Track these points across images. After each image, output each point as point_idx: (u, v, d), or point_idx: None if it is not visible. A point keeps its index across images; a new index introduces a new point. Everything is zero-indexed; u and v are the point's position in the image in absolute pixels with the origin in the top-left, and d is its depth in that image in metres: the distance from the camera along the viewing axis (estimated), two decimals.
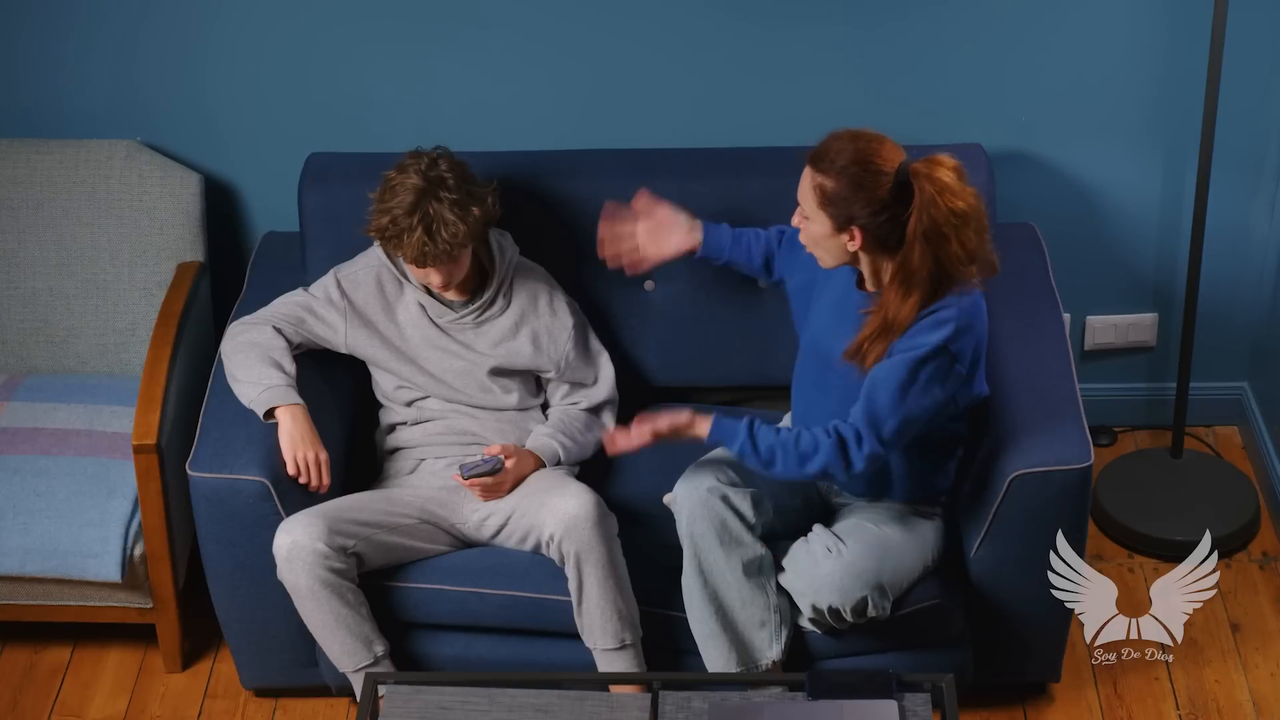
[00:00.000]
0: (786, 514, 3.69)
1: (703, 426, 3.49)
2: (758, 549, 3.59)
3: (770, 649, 3.59)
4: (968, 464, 3.68)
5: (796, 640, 3.64)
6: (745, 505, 3.56)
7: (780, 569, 3.62)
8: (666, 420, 3.49)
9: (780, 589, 3.62)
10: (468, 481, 3.70)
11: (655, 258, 3.80)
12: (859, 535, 3.57)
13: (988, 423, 3.66)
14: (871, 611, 3.54)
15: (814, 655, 3.66)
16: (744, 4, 4.04)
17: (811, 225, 3.42)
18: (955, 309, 3.38)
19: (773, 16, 4.04)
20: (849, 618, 3.55)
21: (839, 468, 3.44)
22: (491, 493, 3.75)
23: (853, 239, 3.39)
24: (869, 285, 3.48)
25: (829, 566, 3.53)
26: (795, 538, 3.65)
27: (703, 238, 3.78)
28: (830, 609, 3.54)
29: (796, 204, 3.45)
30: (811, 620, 3.61)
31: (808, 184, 3.39)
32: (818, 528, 3.62)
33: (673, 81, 4.12)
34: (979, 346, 3.47)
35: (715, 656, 3.61)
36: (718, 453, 3.66)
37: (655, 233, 3.80)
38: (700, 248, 3.78)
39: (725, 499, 3.55)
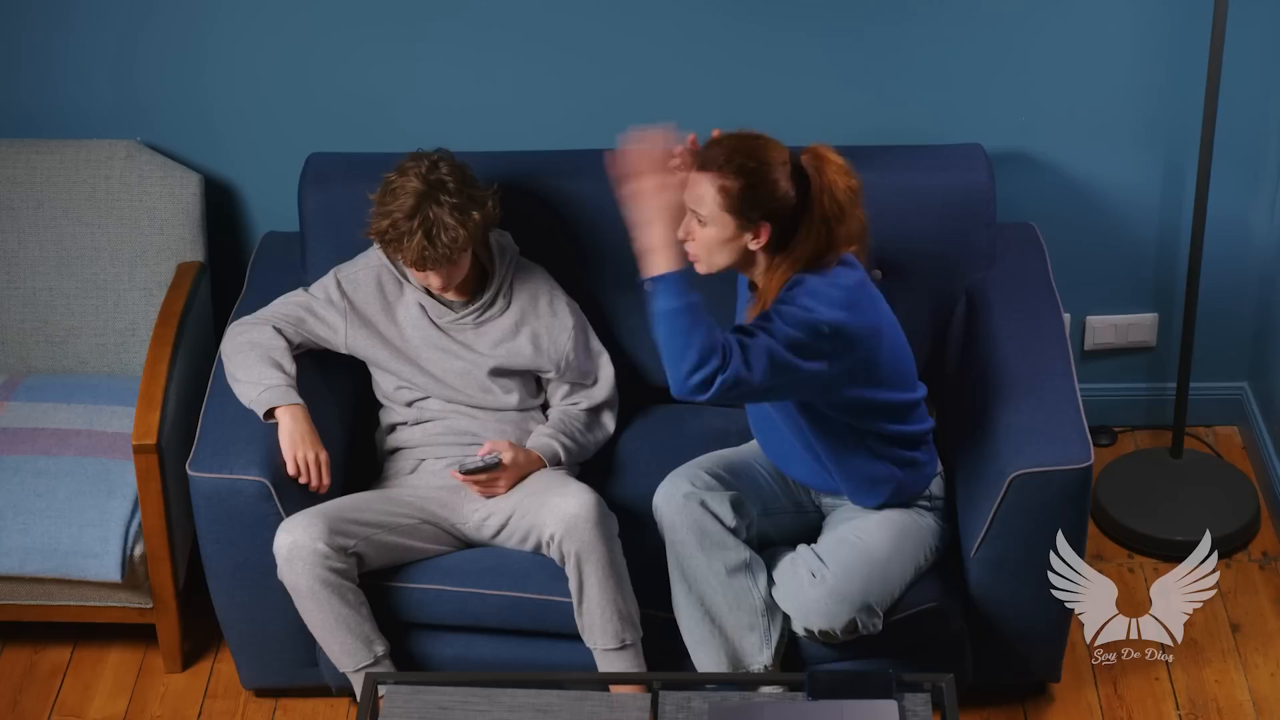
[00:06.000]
0: (777, 517, 3.69)
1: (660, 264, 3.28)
2: (742, 552, 3.58)
3: (760, 653, 3.58)
4: (967, 463, 3.68)
5: (794, 643, 3.64)
6: (724, 509, 3.56)
7: (772, 580, 3.61)
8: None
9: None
10: (465, 477, 3.70)
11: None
12: (843, 556, 3.55)
13: (982, 417, 3.67)
14: (861, 630, 3.54)
15: (813, 659, 3.66)
16: (745, 5, 4.04)
17: (708, 230, 3.38)
18: (820, 298, 3.36)
19: (773, 17, 4.05)
20: (840, 637, 3.55)
21: (702, 370, 3.26)
22: (490, 488, 3.75)
23: (757, 236, 3.39)
24: (759, 283, 3.48)
25: (814, 593, 3.52)
26: (793, 542, 3.65)
27: None
28: (820, 631, 3.55)
29: None
30: (805, 635, 3.60)
31: (707, 189, 3.35)
32: (801, 548, 3.60)
33: (673, 82, 4.12)
34: (859, 337, 3.39)
35: (706, 662, 3.60)
36: (700, 458, 3.66)
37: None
38: None
39: (703, 504, 3.55)
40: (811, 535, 3.69)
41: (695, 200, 3.38)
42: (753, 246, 3.40)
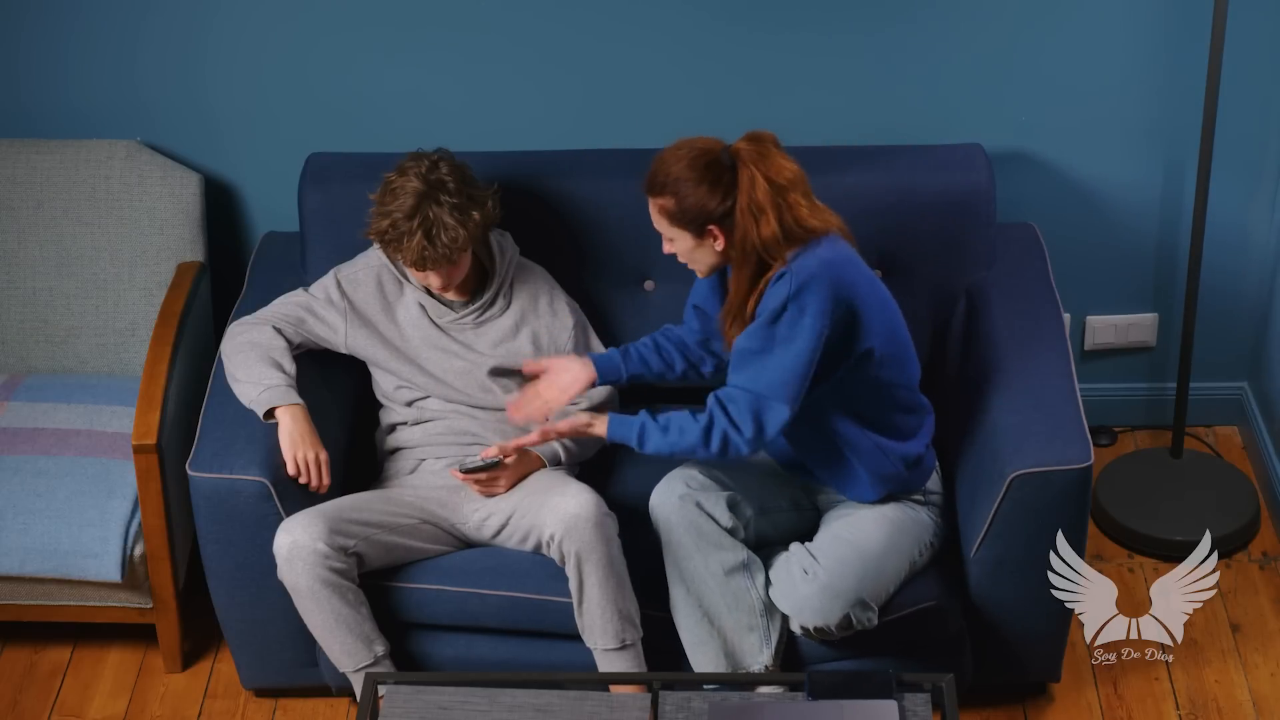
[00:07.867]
0: (774, 515, 3.69)
1: (600, 426, 3.56)
2: (739, 552, 3.58)
3: (760, 653, 3.58)
4: (967, 463, 3.68)
5: (794, 643, 3.64)
6: (720, 509, 3.57)
7: (769, 580, 3.61)
8: (566, 425, 3.59)
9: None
10: (465, 476, 3.70)
11: (560, 402, 3.69)
12: (835, 552, 3.56)
13: (982, 417, 3.67)
14: (856, 625, 3.54)
15: (813, 659, 3.66)
16: (743, 5, 4.04)
17: (676, 243, 3.50)
18: (789, 272, 3.40)
19: (773, 17, 4.04)
20: (835, 633, 3.55)
21: (720, 448, 3.47)
22: (490, 487, 3.75)
23: (716, 239, 3.45)
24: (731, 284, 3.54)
25: (807, 590, 3.53)
26: (788, 540, 3.65)
27: (596, 369, 3.72)
28: (815, 628, 3.55)
29: None
30: (802, 633, 3.60)
31: (654, 211, 3.48)
32: (795, 546, 3.61)
33: (672, 82, 4.12)
34: (839, 296, 3.42)
35: (704, 664, 3.60)
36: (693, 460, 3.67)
37: (552, 382, 3.71)
38: (597, 378, 3.72)
39: (699, 505, 3.56)
40: (808, 534, 3.69)
41: (655, 221, 3.50)
42: (718, 249, 3.47)
